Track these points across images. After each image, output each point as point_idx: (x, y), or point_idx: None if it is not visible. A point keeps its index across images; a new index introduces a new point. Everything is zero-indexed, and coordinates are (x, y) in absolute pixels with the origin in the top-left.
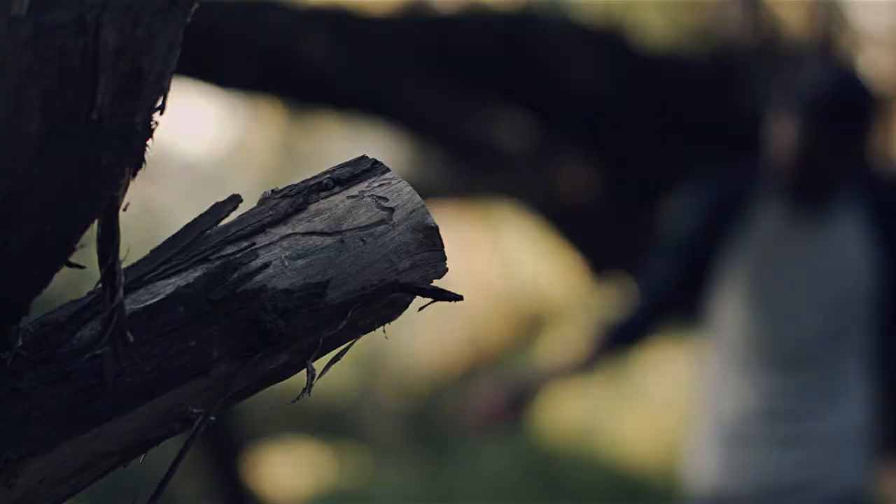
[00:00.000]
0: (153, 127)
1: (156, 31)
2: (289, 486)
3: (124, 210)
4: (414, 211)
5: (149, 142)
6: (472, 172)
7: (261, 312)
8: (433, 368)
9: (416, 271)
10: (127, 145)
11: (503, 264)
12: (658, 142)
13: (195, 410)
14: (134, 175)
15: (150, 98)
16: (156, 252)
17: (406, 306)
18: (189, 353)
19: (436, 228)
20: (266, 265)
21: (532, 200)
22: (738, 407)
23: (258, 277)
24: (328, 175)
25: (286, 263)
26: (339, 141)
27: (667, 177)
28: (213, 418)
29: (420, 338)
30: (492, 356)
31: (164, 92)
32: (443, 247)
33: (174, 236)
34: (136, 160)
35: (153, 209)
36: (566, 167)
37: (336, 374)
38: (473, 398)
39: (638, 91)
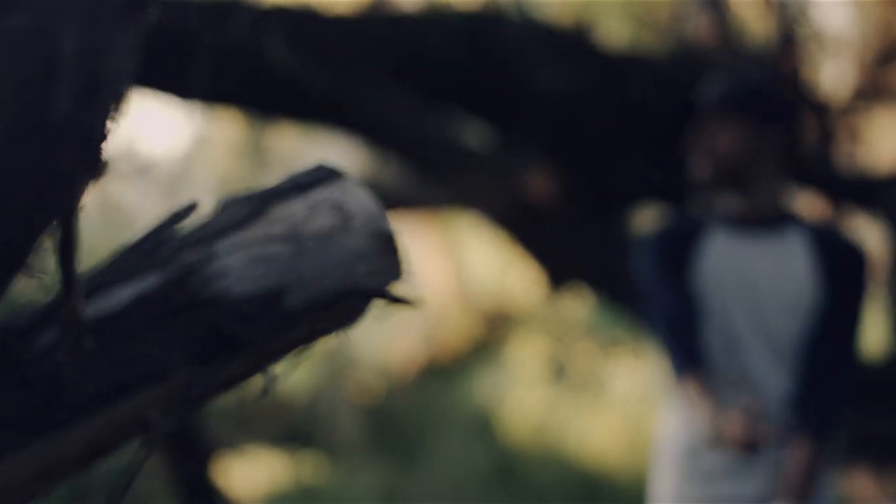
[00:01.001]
0: (111, 132)
1: (115, 37)
2: (253, 489)
3: (83, 213)
4: (372, 218)
5: (107, 146)
6: (433, 179)
7: (220, 318)
8: (397, 372)
9: (374, 277)
10: (85, 150)
11: (464, 270)
12: (623, 145)
13: (155, 415)
14: (93, 180)
15: (108, 103)
16: (116, 258)
17: (364, 311)
18: (148, 359)
19: (393, 235)
20: (225, 271)
21: (493, 207)
22: (689, 438)
23: (217, 283)
24: (287, 182)
25: (245, 270)
26: (302, 139)
27: (632, 183)
28: (173, 423)
29: (384, 341)
30: (454, 359)
31: (123, 97)
32: (400, 253)
33: (133, 242)
34: (94, 165)
35: (117, 209)
36: (529, 173)
37: (300, 377)
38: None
39: (603, 93)
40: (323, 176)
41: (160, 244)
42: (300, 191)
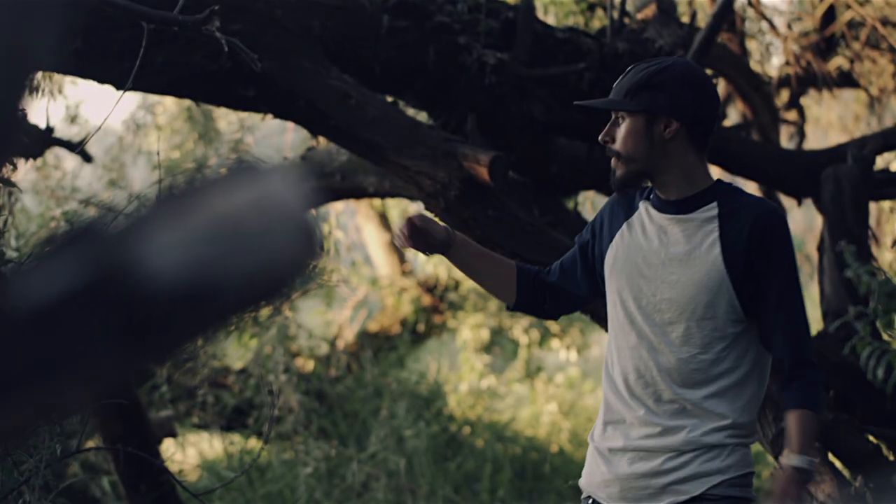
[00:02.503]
0: (25, 112)
1: (39, 22)
2: (194, 467)
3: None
4: (295, 210)
5: (23, 126)
6: (377, 161)
7: (147, 309)
8: (339, 348)
9: (299, 267)
10: (5, 134)
11: (401, 254)
12: (563, 129)
13: (82, 402)
14: (20, 159)
15: (27, 84)
16: (45, 247)
17: (289, 299)
18: (75, 348)
19: (315, 228)
20: (153, 263)
21: (430, 190)
22: (603, 418)
23: (145, 275)
24: (214, 174)
25: (173, 262)
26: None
27: (571, 167)
28: (99, 409)
29: (326, 318)
30: (396, 335)
31: (36, 78)
32: (321, 244)
33: (64, 232)
34: (15, 147)
35: (59, 183)
36: (468, 156)
37: (241, 354)
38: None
39: (542, 69)
40: (248, 169)
41: (91, 235)
42: (228, 184)
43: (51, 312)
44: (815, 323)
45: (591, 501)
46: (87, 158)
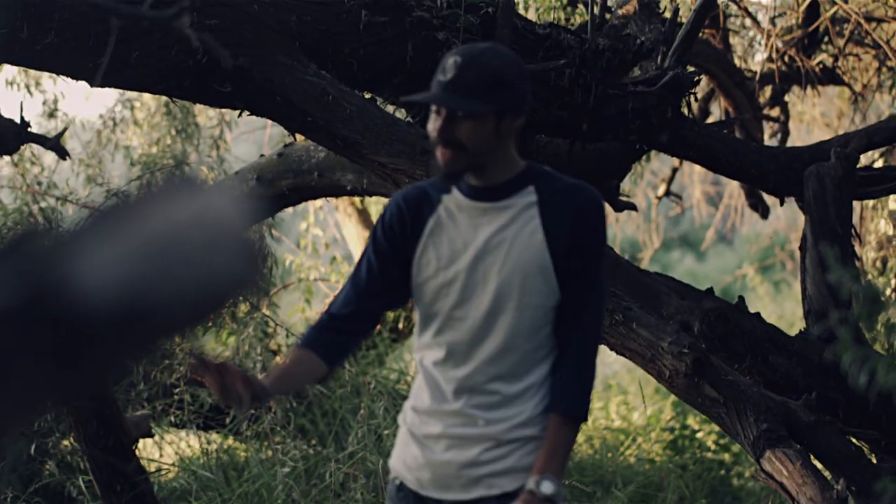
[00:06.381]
0: None
1: None
2: (170, 467)
3: None
4: (238, 226)
5: None
6: (354, 158)
7: (82, 327)
8: None
9: (240, 282)
10: None
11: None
12: (542, 123)
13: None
14: None
15: None
16: None
17: (230, 312)
18: (16, 366)
19: (257, 246)
20: (88, 281)
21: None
22: (415, 403)
23: (80, 293)
24: (154, 195)
25: (109, 279)
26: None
27: (550, 163)
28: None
29: (305, 315)
30: (371, 336)
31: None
32: (264, 261)
33: (3, 252)
34: None
35: (36, 177)
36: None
37: (224, 353)
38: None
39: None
40: (189, 186)
41: (25, 256)
42: (170, 201)
43: None
44: (798, 322)
45: (398, 483)
46: (62, 155)
